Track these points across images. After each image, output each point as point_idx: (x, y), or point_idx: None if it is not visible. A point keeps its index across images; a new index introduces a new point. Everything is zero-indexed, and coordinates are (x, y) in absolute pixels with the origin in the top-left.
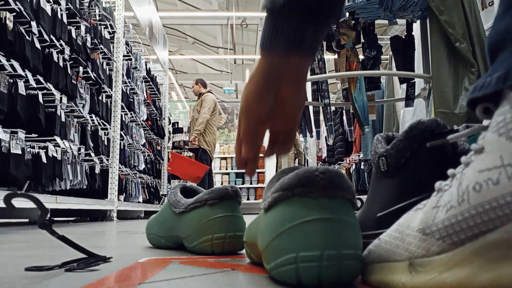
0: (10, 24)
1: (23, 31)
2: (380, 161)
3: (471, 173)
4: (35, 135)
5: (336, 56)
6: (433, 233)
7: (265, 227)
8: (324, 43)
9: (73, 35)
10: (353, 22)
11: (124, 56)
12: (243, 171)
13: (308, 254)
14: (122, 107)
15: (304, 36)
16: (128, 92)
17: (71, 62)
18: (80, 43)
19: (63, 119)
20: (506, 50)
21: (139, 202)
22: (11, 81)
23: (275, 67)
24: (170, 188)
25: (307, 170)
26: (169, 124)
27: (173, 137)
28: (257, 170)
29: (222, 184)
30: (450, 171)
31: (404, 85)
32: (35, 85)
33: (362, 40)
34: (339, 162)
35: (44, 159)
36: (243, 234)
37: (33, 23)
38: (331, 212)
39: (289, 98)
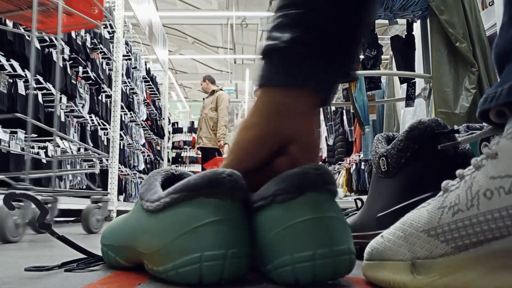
0: (10, 24)
1: (23, 31)
2: (381, 161)
3: (482, 178)
4: (35, 135)
5: None
6: (438, 235)
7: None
8: None
9: (73, 35)
10: None
11: (123, 56)
12: None
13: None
14: (122, 107)
15: (310, 70)
16: (127, 92)
17: (71, 62)
18: (80, 43)
19: (62, 119)
20: None
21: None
22: (11, 81)
23: (276, 101)
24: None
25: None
26: (168, 124)
27: (172, 137)
28: None
29: None
30: (458, 172)
31: (405, 85)
32: (34, 85)
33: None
34: (339, 162)
35: (43, 159)
36: (249, 249)
37: None
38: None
39: (296, 140)
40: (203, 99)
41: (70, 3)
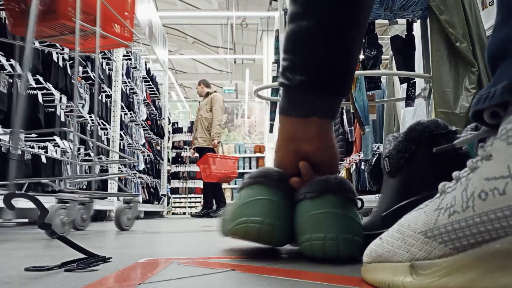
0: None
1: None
2: (385, 161)
3: (477, 179)
4: (35, 135)
5: None
6: (435, 237)
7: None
8: None
9: None
10: None
11: (123, 55)
12: (244, 170)
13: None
14: (122, 107)
15: (316, 104)
16: (127, 92)
17: (71, 62)
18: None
19: (62, 119)
20: (509, 60)
21: (138, 202)
22: (11, 81)
23: (292, 128)
24: (169, 188)
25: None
26: (168, 124)
27: (172, 137)
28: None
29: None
30: (455, 174)
31: (405, 85)
32: (34, 85)
33: (363, 40)
34: (340, 162)
35: (43, 159)
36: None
37: None
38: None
39: (312, 156)
40: (199, 102)
41: (105, 28)
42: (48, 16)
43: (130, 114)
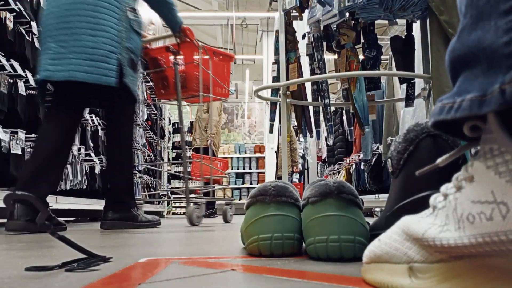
0: (10, 24)
1: (23, 31)
2: (388, 162)
3: (464, 201)
4: (35, 135)
5: (336, 56)
6: (430, 246)
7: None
8: (324, 43)
9: None
10: (353, 22)
11: None
12: (243, 171)
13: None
14: None
15: None
16: None
17: None
18: None
19: None
20: (477, 68)
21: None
22: (11, 81)
23: None
24: (169, 188)
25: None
26: (169, 124)
27: (173, 137)
28: (257, 170)
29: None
30: (442, 189)
31: (404, 85)
32: (35, 85)
33: (362, 40)
34: (339, 162)
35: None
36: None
37: (33, 23)
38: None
39: None
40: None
41: (213, 90)
42: (182, 89)
43: None
